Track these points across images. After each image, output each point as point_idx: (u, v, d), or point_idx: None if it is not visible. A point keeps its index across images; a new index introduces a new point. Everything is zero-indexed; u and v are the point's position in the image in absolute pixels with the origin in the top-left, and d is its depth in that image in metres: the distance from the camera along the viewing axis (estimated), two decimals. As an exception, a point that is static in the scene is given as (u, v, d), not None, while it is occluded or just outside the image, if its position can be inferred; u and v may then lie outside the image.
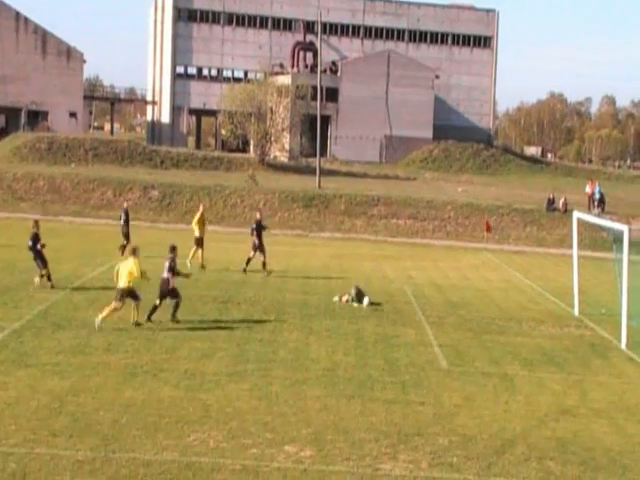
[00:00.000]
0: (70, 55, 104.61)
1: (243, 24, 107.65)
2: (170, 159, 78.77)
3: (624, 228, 26.31)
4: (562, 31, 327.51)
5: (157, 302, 24.30)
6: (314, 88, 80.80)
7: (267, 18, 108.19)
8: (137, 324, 23.70)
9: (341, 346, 22.95)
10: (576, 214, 32.92)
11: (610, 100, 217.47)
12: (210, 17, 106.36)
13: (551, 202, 61.34)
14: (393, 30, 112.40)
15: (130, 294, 23.46)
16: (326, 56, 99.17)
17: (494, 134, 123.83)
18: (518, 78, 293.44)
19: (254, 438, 15.37)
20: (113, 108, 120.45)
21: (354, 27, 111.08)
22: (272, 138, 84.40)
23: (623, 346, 25.19)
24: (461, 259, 45.76)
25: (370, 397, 18.35)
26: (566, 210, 57.81)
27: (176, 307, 24.53)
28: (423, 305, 30.08)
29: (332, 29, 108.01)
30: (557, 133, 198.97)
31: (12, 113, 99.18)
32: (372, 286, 32.80)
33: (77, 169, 67.21)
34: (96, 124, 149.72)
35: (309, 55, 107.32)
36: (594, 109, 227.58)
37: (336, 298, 29.60)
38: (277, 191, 60.37)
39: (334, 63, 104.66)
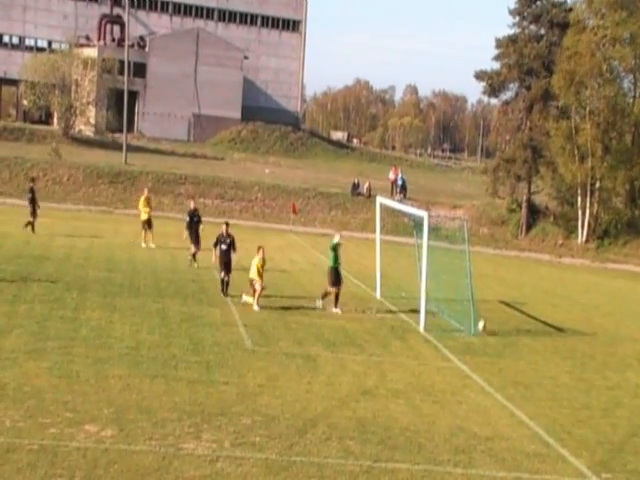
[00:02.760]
0: None
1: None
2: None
3: (424, 214, 27.06)
4: (369, 19, 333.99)
5: None
6: (121, 62, 79.24)
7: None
8: None
9: (145, 325, 22.64)
10: (379, 199, 33.63)
11: (413, 89, 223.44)
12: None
13: (356, 187, 62.54)
14: (202, 8, 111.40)
15: None
16: (134, 31, 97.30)
17: (302, 118, 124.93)
18: (326, 63, 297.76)
19: (53, 417, 14.94)
20: None
21: (163, 3, 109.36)
22: (77, 111, 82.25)
23: (421, 329, 25.94)
24: (267, 240, 45.93)
25: (174, 376, 18.17)
26: (370, 195, 59.07)
27: None
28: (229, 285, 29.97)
29: (140, 3, 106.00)
30: (362, 119, 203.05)
31: None
32: (178, 266, 32.50)
33: None
34: None
35: (116, 28, 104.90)
36: (398, 97, 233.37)
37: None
38: (82, 166, 58.93)
39: (142, 38, 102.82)
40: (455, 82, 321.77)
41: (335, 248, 27.86)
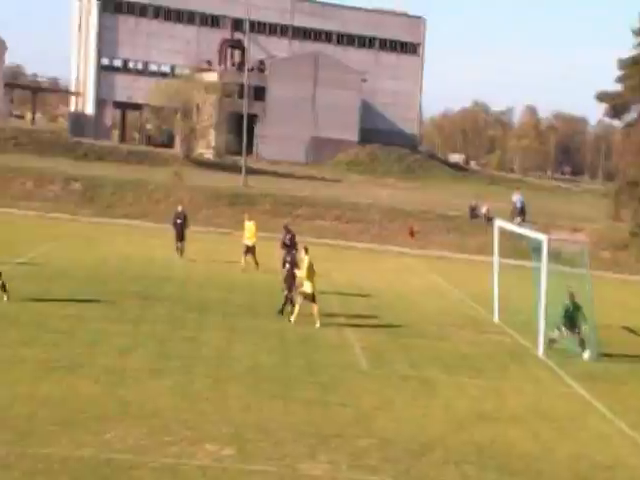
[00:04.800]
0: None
1: (170, 18, 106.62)
2: (94, 152, 77.75)
3: (543, 238, 26.71)
4: (486, 40, 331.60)
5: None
6: (241, 86, 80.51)
7: (195, 13, 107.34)
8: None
9: (263, 345, 22.90)
10: (498, 222, 33.35)
11: (531, 111, 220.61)
12: (137, 10, 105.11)
13: (473, 209, 62.04)
14: (321, 32, 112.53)
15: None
16: (254, 55, 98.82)
17: (419, 140, 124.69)
18: (443, 84, 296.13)
19: (174, 436, 15.24)
20: (35, 97, 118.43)
21: (282, 27, 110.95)
22: (198, 135, 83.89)
23: (540, 353, 25.57)
24: (384, 262, 46.01)
25: (291, 397, 18.34)
26: (488, 218, 58.50)
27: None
28: (344, 307, 30.14)
29: (260, 28, 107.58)
30: (480, 141, 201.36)
31: None
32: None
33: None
34: (17, 113, 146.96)
35: (237, 53, 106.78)
36: (516, 119, 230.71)
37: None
38: (202, 188, 60.01)
39: (262, 62, 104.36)
40: (575, 103, 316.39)
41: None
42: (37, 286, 27.98)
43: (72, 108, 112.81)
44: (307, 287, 26.60)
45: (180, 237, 37.71)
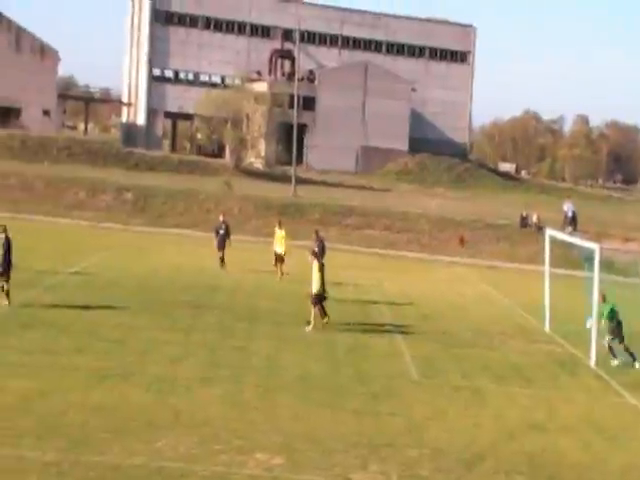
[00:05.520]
0: (44, 52, 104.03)
1: (221, 29, 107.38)
2: (145, 162, 78.50)
3: (595, 247, 26.48)
4: (537, 48, 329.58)
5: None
6: (291, 96, 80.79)
7: (245, 24, 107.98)
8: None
9: (313, 354, 22.92)
10: (549, 231, 33.13)
11: (583, 119, 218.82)
12: (188, 21, 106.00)
13: (524, 219, 61.66)
14: (370, 41, 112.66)
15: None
16: (304, 65, 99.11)
17: (469, 149, 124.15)
18: (494, 93, 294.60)
19: (224, 444, 15.29)
20: (87, 108, 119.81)
21: (332, 37, 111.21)
22: (248, 145, 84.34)
23: (592, 363, 25.31)
24: (434, 272, 45.87)
25: (341, 406, 18.33)
26: (539, 227, 58.09)
27: None
28: (395, 316, 30.10)
29: (310, 38, 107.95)
30: (530, 150, 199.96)
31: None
32: (345, 296, 32.78)
33: (49, 168, 66.79)
34: (70, 123, 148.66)
35: (287, 63, 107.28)
36: (567, 128, 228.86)
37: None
38: (252, 198, 60.29)
39: (311, 72, 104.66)
40: (628, 112, 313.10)
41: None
42: (89, 295, 28.27)
43: (124, 119, 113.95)
44: (315, 287, 26.62)
45: (221, 246, 37.69)
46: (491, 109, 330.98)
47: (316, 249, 29.96)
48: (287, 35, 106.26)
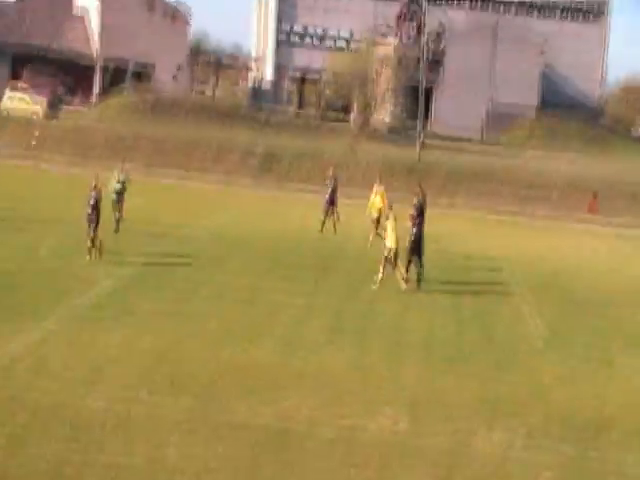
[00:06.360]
0: (176, 15, 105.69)
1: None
2: (271, 123, 79.04)
3: None
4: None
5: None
6: (417, 58, 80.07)
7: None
8: None
9: (437, 319, 22.83)
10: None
11: None
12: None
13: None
14: (500, 1, 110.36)
15: None
16: (431, 26, 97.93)
17: (602, 111, 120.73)
18: (631, 49, 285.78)
19: (348, 407, 15.40)
20: (218, 69, 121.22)
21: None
22: (373, 107, 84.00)
23: None
24: (565, 237, 44.97)
25: (465, 372, 18.23)
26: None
27: None
28: (524, 281, 29.61)
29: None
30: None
31: (116, 72, 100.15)
32: (473, 261, 32.49)
33: (180, 129, 67.87)
34: (198, 87, 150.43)
35: (413, 24, 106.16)
36: None
37: None
38: (377, 160, 60.10)
39: (438, 34, 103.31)
40: None
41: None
42: (216, 255, 28.72)
43: (251, 79, 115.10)
44: (390, 242, 26.35)
45: (331, 201, 36.25)
46: (629, 67, 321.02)
47: (414, 212, 29.20)
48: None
